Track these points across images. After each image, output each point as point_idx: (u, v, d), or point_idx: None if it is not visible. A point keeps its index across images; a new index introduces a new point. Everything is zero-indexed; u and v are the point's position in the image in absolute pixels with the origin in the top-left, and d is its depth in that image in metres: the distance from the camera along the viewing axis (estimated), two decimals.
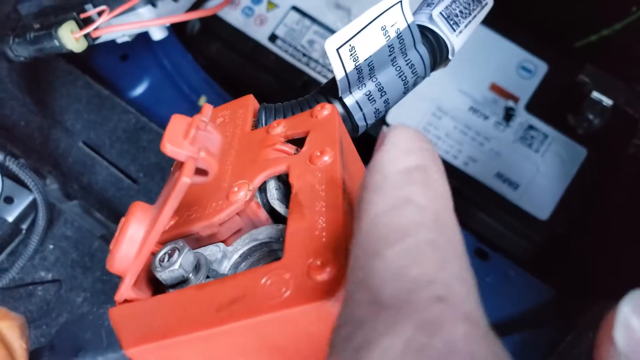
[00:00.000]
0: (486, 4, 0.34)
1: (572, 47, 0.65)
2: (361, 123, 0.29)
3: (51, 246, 0.56)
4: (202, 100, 0.69)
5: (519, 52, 0.65)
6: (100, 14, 0.48)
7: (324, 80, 0.65)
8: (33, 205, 0.55)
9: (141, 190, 0.59)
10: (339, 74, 0.27)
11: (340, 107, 0.29)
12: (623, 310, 0.14)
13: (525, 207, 0.59)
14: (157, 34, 0.52)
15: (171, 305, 0.22)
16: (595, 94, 0.61)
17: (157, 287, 0.25)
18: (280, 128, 0.27)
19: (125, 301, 0.24)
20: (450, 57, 0.32)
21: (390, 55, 0.28)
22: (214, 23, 0.69)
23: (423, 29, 0.30)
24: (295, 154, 0.26)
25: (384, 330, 0.13)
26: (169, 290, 0.24)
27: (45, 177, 0.58)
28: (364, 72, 0.28)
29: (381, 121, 0.61)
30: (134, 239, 0.22)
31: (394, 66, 0.28)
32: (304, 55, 0.66)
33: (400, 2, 0.28)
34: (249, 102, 0.31)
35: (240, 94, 0.70)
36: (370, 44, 0.27)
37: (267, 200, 0.26)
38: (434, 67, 0.31)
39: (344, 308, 0.15)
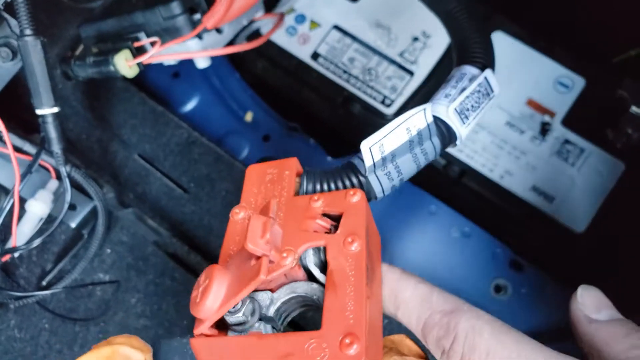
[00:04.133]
0: (493, 96, 0.39)
1: (610, 62, 0.66)
2: (380, 195, 0.35)
3: (109, 250, 0.61)
4: (249, 116, 0.73)
5: (556, 67, 0.66)
6: (152, 43, 0.52)
7: (363, 96, 0.68)
8: (93, 212, 0.59)
9: (191, 199, 0.63)
10: (368, 163, 0.34)
11: (365, 181, 0.35)
12: (579, 290, 0.34)
13: (561, 219, 0.60)
14: (202, 63, 0.56)
15: (240, 347, 0.29)
16: (635, 109, 0.61)
17: (219, 321, 0.31)
18: (320, 202, 0.33)
19: (201, 334, 0.30)
20: (457, 143, 0.37)
21: (410, 147, 0.35)
22: None
23: (437, 121, 0.36)
24: (330, 229, 0.32)
25: None
26: (232, 329, 0.30)
27: (103, 186, 0.62)
28: (387, 159, 0.34)
29: None
30: (217, 296, 0.29)
31: (410, 154, 0.35)
32: (345, 72, 0.69)
33: (424, 109, 0.34)
34: (293, 165, 0.36)
35: (284, 109, 0.74)
36: (395, 141, 0.34)
37: (305, 261, 0.32)
38: (442, 152, 0.36)
39: None
